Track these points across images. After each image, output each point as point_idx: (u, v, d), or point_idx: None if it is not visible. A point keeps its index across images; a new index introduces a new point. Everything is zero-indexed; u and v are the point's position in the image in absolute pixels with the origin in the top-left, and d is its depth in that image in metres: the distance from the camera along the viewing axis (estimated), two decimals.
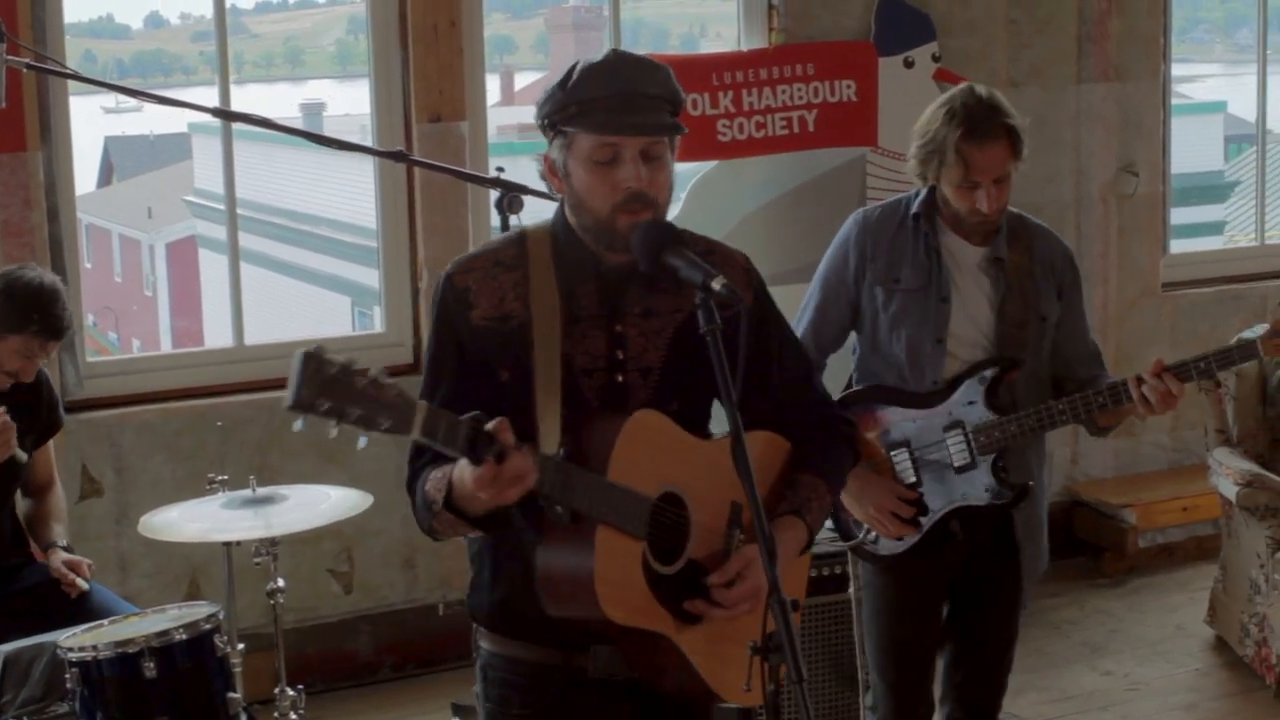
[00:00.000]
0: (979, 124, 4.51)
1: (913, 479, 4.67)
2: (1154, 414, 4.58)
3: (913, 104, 7.26)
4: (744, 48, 7.41)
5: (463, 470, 3.12)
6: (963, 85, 4.72)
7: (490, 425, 3.03)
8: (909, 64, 7.44)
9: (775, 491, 3.51)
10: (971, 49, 7.65)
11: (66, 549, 5.45)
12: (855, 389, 4.80)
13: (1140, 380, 4.53)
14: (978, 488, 4.62)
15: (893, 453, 4.69)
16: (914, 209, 4.71)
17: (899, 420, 4.68)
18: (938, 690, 4.98)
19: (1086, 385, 4.63)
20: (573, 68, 3.34)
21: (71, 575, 5.28)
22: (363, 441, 2.95)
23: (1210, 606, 6.93)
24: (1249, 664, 6.54)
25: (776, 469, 3.54)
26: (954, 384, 4.63)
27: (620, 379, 3.39)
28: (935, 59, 7.47)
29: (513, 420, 3.21)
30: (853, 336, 4.86)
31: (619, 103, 3.27)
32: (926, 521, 4.67)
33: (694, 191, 7.18)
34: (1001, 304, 4.65)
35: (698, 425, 3.46)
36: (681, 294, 3.36)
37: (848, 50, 7.31)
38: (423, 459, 3.39)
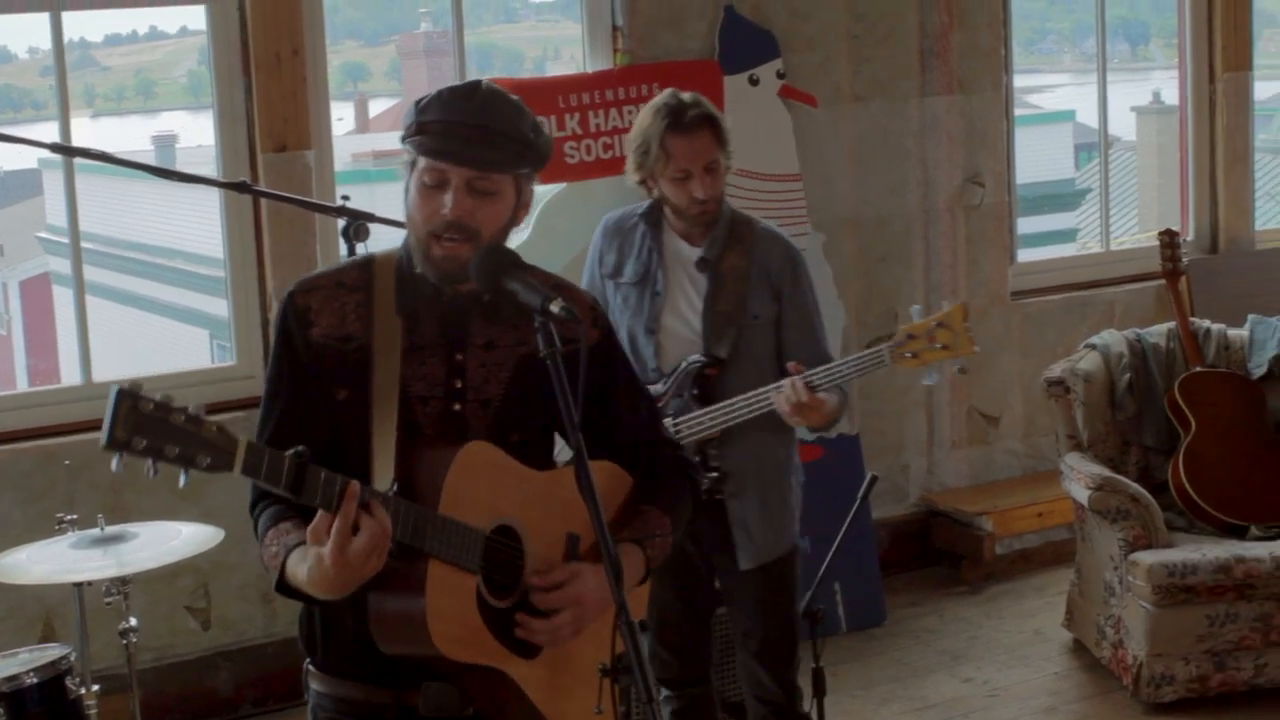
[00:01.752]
0: (680, 116, 4.93)
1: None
2: (794, 421, 4.91)
3: (759, 121, 7.36)
4: (590, 70, 7.42)
5: (310, 559, 3.08)
6: (666, 91, 5.10)
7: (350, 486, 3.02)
8: (754, 81, 7.48)
9: (617, 521, 3.48)
10: (814, 64, 7.70)
11: None
12: None
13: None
14: None
15: None
16: (641, 210, 5.12)
17: None
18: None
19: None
20: (428, 95, 3.35)
21: None
22: (183, 480, 2.91)
23: (1067, 610, 7.01)
24: (1106, 666, 6.62)
25: (618, 500, 3.52)
26: (667, 375, 4.99)
27: (457, 408, 3.37)
28: (780, 75, 7.52)
29: (347, 442, 3.25)
30: None
31: (455, 131, 3.26)
32: None
33: (543, 214, 7.19)
34: (710, 300, 5.00)
35: (538, 459, 3.45)
36: (525, 327, 3.34)
37: (692, 69, 7.34)
38: (261, 506, 3.36)
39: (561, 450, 3.51)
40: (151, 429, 2.82)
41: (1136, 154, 24.44)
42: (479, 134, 3.27)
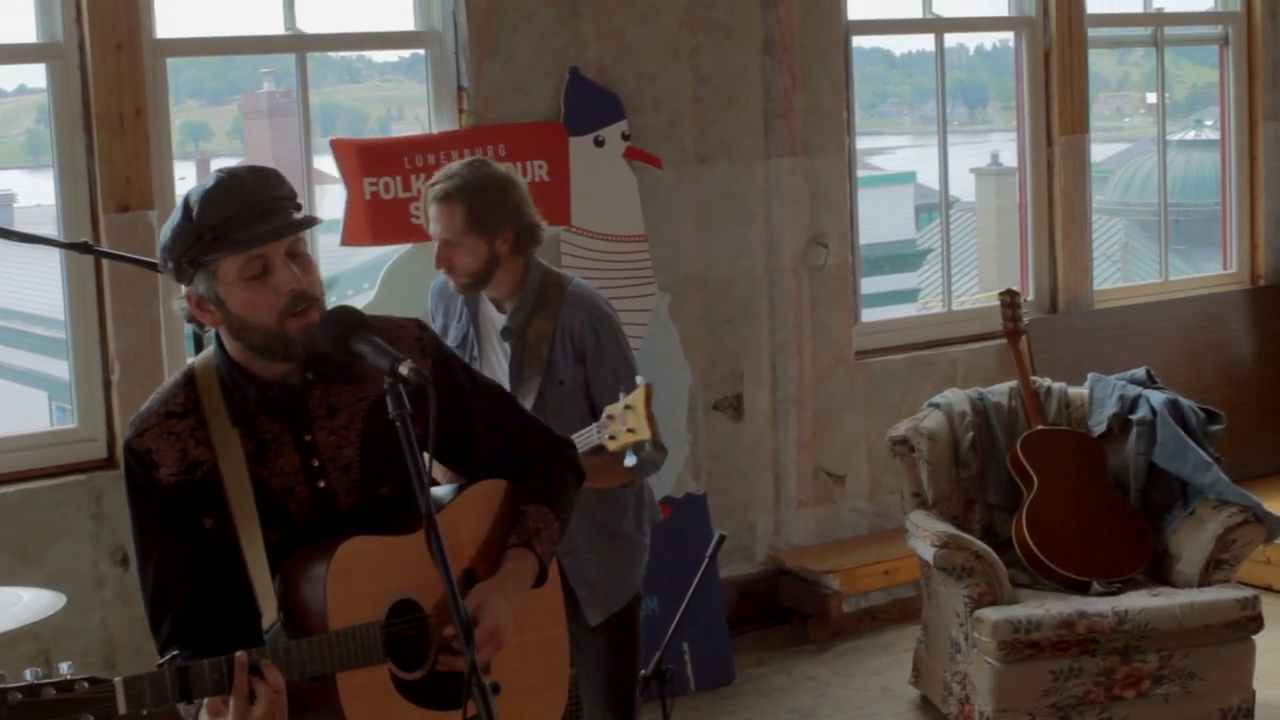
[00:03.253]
0: (433, 186, 5.09)
1: None
2: None
3: (605, 182, 7.40)
4: (435, 130, 7.41)
5: None
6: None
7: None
8: (599, 143, 7.51)
9: (501, 528, 3.53)
10: (660, 126, 7.75)
11: None
12: None
13: None
14: None
15: None
16: None
17: None
18: None
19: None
20: (187, 201, 3.30)
21: None
22: None
23: (914, 667, 7.06)
24: None
25: (496, 511, 3.56)
26: None
27: (322, 485, 3.39)
28: (625, 137, 7.55)
29: (226, 571, 3.27)
30: None
31: (252, 214, 3.25)
32: None
33: (388, 275, 7.16)
34: (516, 367, 5.03)
35: (411, 502, 3.43)
36: (362, 381, 3.38)
37: (538, 131, 7.37)
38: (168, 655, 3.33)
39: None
40: (30, 714, 2.87)
41: (976, 214, 24.79)
42: (269, 206, 3.27)
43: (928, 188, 27.28)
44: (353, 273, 15.46)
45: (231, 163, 3.34)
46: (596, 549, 5.11)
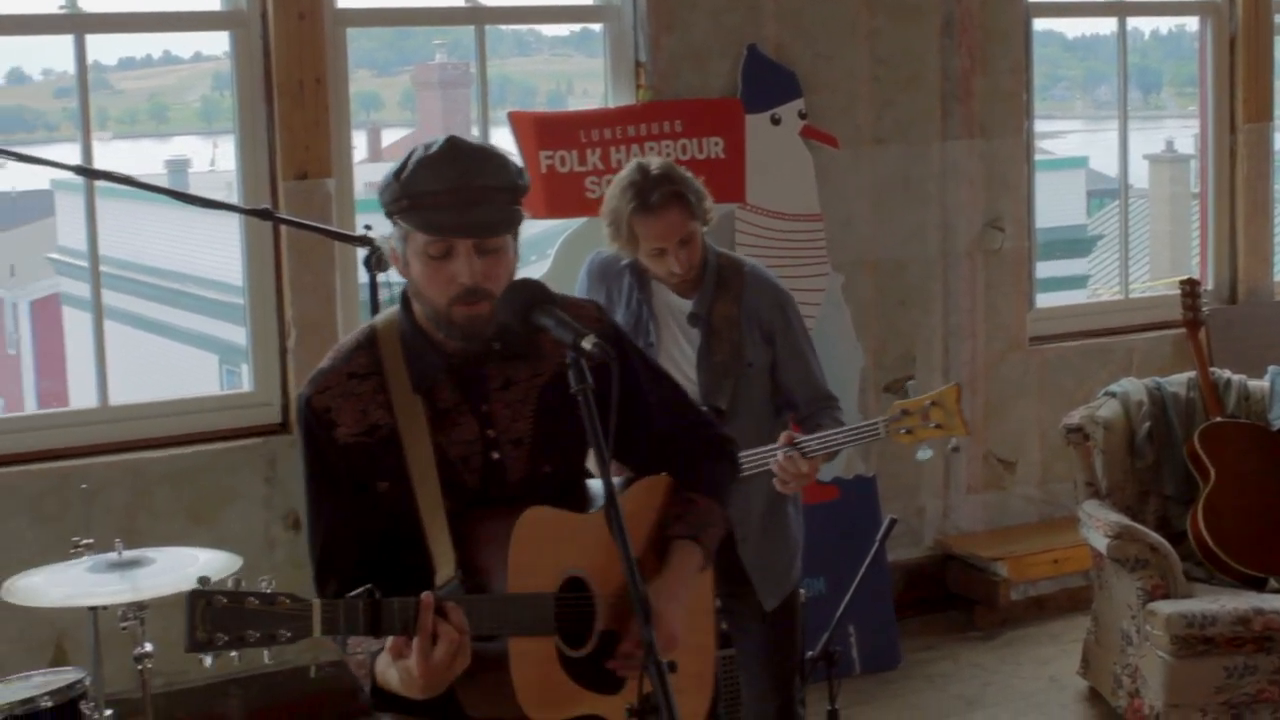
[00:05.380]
0: (646, 198, 4.87)
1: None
2: (785, 490, 4.95)
3: (780, 160, 7.35)
4: (611, 105, 7.41)
5: (397, 670, 3.11)
6: (633, 162, 5.04)
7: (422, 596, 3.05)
8: (776, 121, 7.47)
9: (667, 520, 3.51)
10: (836, 106, 7.70)
11: None
12: None
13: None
14: None
15: None
16: (625, 260, 5.06)
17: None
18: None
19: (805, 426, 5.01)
20: (409, 156, 3.27)
21: None
22: (266, 656, 2.99)
23: (1083, 658, 6.97)
24: (1122, 715, 6.58)
25: (663, 503, 3.55)
26: None
27: (495, 456, 3.38)
28: (802, 116, 7.51)
29: (401, 532, 3.27)
30: None
31: (450, 199, 3.20)
32: None
33: (563, 248, 7.17)
34: (704, 352, 4.99)
35: (573, 484, 3.46)
36: (538, 359, 3.37)
37: (715, 107, 7.34)
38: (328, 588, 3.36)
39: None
40: (229, 623, 2.90)
41: (1148, 201, 24.47)
42: (476, 195, 3.22)
43: (1100, 173, 26.96)
44: (527, 243, 15.58)
45: (402, 133, 3.32)
46: (771, 534, 5.09)
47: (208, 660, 2.91)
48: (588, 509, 3.45)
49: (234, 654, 2.92)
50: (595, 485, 3.54)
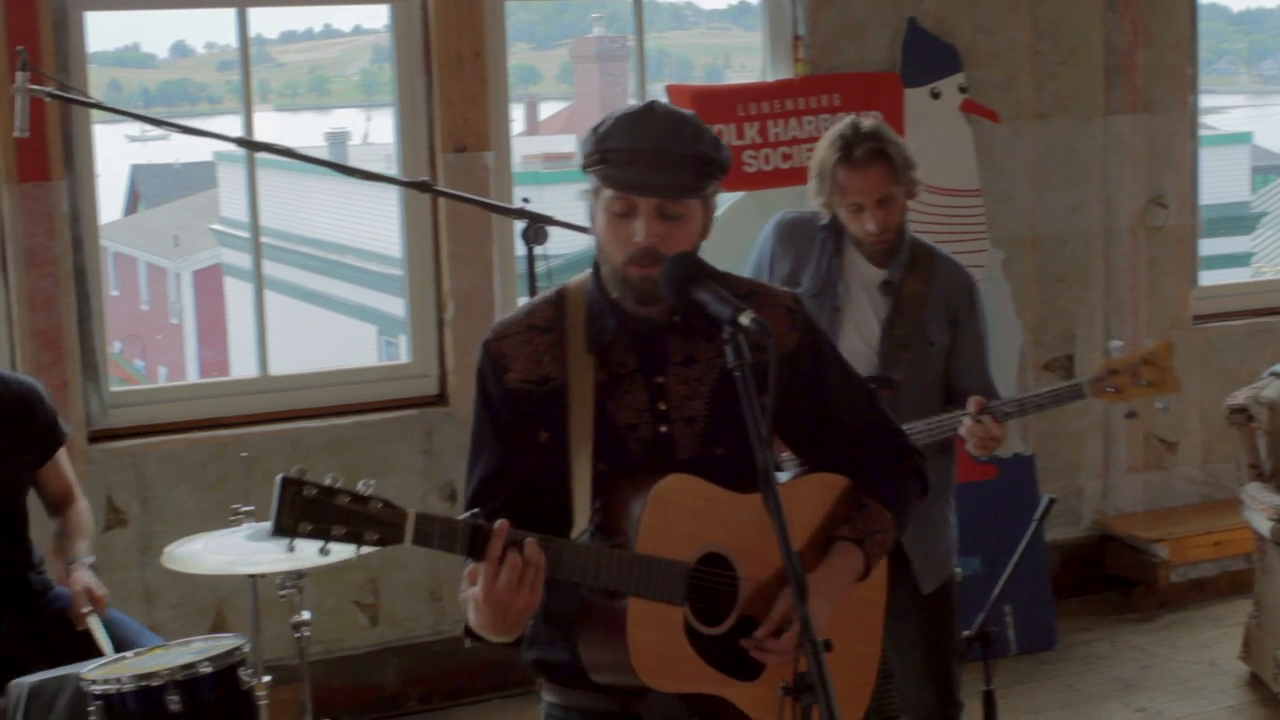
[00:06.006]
0: (852, 151, 4.91)
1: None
2: (979, 453, 4.93)
3: (940, 135, 7.28)
4: (769, 78, 7.38)
5: (470, 595, 3.15)
6: (849, 117, 5.07)
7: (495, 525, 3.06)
8: (935, 95, 7.41)
9: (835, 519, 3.46)
10: (997, 80, 7.61)
11: (92, 566, 5.39)
12: None
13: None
14: None
15: None
16: (823, 222, 5.06)
17: None
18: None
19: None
20: (609, 115, 3.33)
21: (82, 609, 5.21)
22: (354, 554, 3.02)
23: (1244, 642, 6.87)
24: None
25: (834, 502, 3.49)
26: None
27: (664, 429, 3.37)
28: (962, 90, 7.44)
29: (549, 484, 3.28)
30: None
31: (638, 159, 3.23)
32: None
33: (719, 223, 7.13)
34: (889, 324, 4.99)
35: (746, 470, 3.36)
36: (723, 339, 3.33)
37: (874, 81, 7.29)
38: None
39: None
40: (316, 513, 2.93)
41: None
42: (665, 159, 3.24)
43: (1264, 149, 26.54)
44: None
45: (559, 106, 3.34)
46: (930, 516, 5.05)
47: (287, 546, 2.95)
48: None
49: (319, 544, 2.94)
50: (782, 479, 3.51)
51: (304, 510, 2.91)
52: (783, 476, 3.52)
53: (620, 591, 3.16)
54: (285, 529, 2.91)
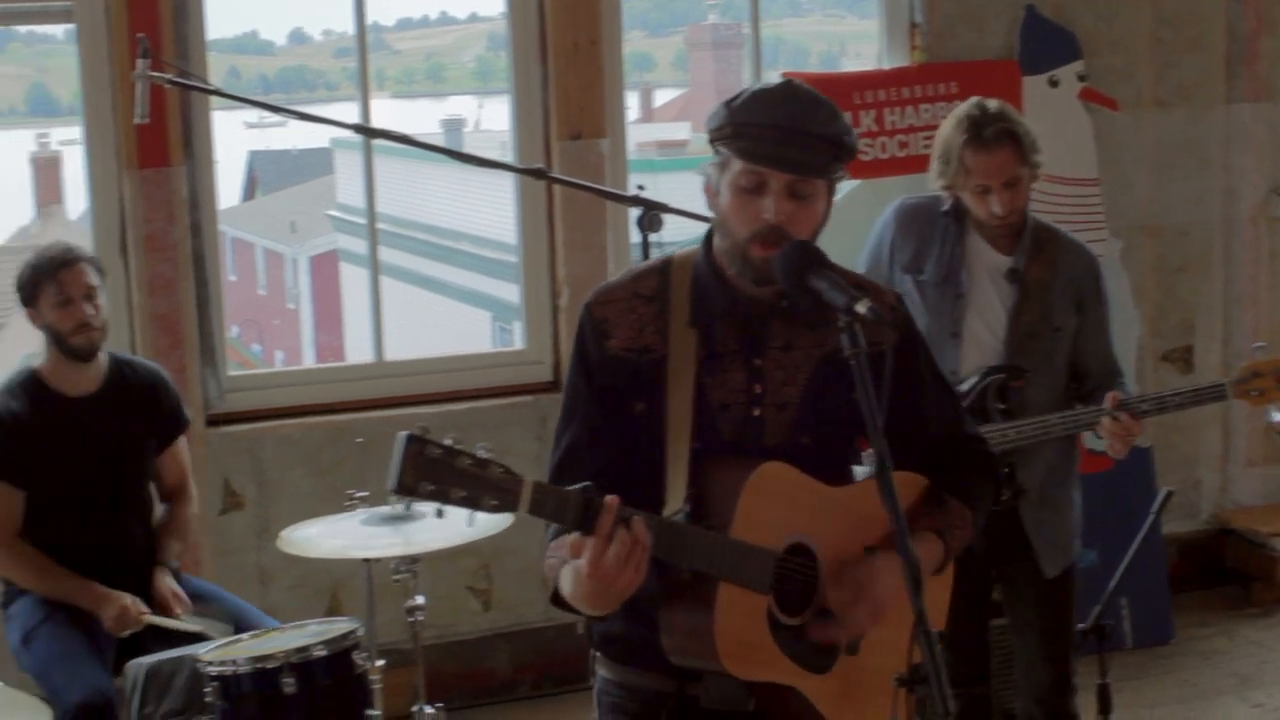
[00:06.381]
0: (980, 131, 4.86)
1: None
2: (1117, 452, 4.89)
3: (1058, 124, 7.21)
4: (885, 66, 7.34)
5: (572, 568, 3.10)
6: (972, 98, 5.03)
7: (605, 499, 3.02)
8: (1054, 83, 7.34)
9: (918, 511, 3.44)
10: (1117, 68, 7.53)
11: (176, 571, 5.47)
12: None
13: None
14: None
15: None
16: (945, 207, 5.01)
17: None
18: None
19: (1090, 400, 4.95)
20: (742, 92, 3.31)
21: (137, 613, 5.26)
22: (470, 519, 2.99)
23: None
24: None
25: (915, 498, 3.46)
26: (966, 382, 4.90)
27: (756, 413, 3.35)
28: (1081, 78, 7.37)
29: (642, 457, 3.26)
30: None
31: (774, 134, 3.20)
32: None
33: (834, 212, 7.12)
34: (1016, 312, 4.95)
35: (829, 462, 3.40)
36: (824, 329, 3.31)
37: (992, 69, 7.23)
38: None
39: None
40: (438, 473, 2.89)
41: None
42: (801, 137, 3.21)
43: None
44: None
45: (673, 94, 3.31)
46: (1052, 501, 5.03)
47: (402, 505, 2.92)
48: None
49: (436, 505, 2.91)
50: (859, 472, 3.50)
51: (426, 469, 2.87)
52: (859, 472, 3.51)
53: (710, 575, 3.14)
54: (407, 487, 2.87)
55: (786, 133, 3.21)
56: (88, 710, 4.92)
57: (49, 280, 5.33)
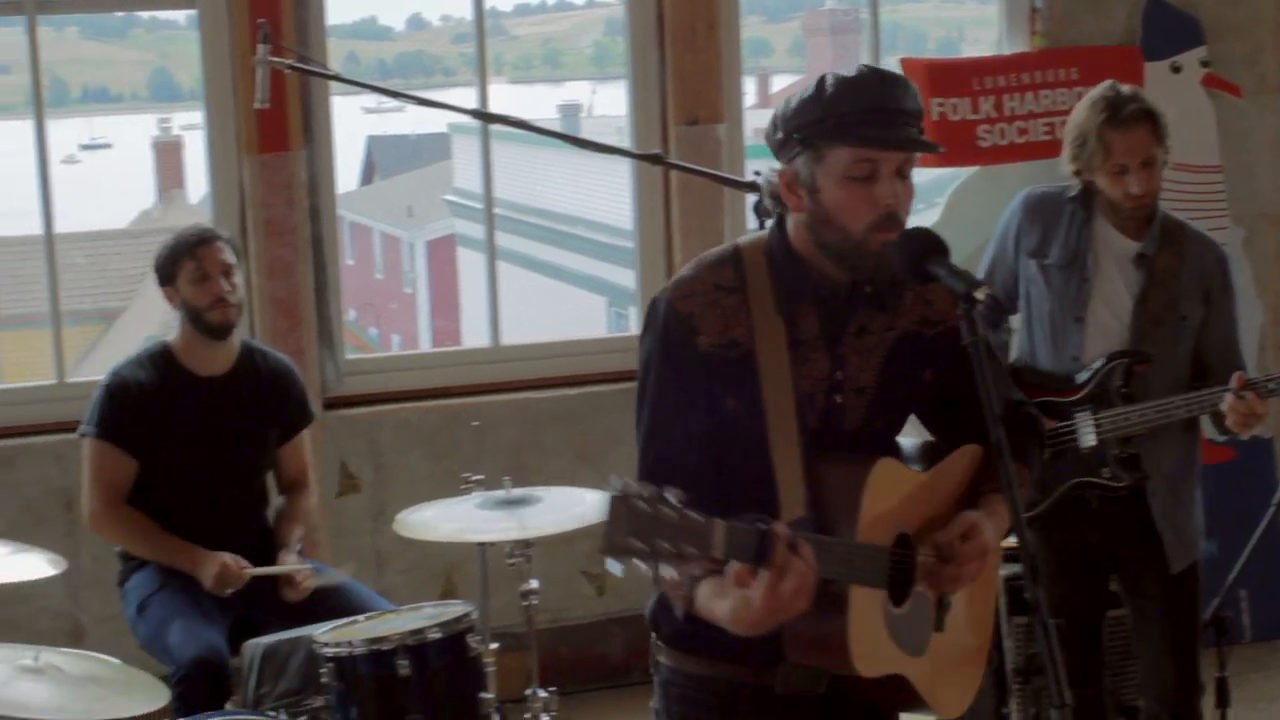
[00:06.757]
0: (1119, 110, 4.88)
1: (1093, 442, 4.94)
2: (1240, 430, 4.84)
3: (1180, 110, 7.05)
4: (1005, 51, 7.28)
5: (733, 599, 3.02)
6: (1105, 82, 5.04)
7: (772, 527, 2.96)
8: (1176, 69, 7.26)
9: (980, 478, 3.42)
10: (1240, 54, 7.43)
11: (300, 554, 5.52)
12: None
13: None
14: (1099, 469, 4.91)
15: None
16: (1073, 193, 5.00)
17: (1035, 397, 4.86)
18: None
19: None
20: (822, 81, 3.22)
21: (238, 569, 5.31)
22: (661, 573, 2.92)
23: None
24: None
25: (975, 469, 3.45)
26: (1089, 367, 4.90)
27: (838, 399, 3.32)
28: (1203, 64, 7.28)
29: (741, 456, 3.22)
30: None
31: (883, 117, 3.16)
32: (1054, 494, 4.96)
33: (953, 199, 7.09)
34: (1142, 298, 4.93)
35: (892, 444, 3.41)
36: (895, 312, 3.31)
37: (1113, 55, 7.15)
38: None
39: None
40: (645, 528, 2.77)
41: None
42: (902, 116, 3.19)
43: None
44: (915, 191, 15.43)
45: (790, 80, 3.27)
46: (1180, 493, 5.00)
47: (618, 568, 2.84)
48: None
49: (643, 565, 2.80)
50: (906, 444, 3.47)
51: (635, 527, 2.76)
52: (906, 443, 3.48)
53: (837, 580, 3.10)
54: (619, 548, 2.77)
55: (893, 114, 3.17)
56: (201, 665, 4.96)
57: (187, 257, 5.39)
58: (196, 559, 5.31)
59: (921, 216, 7.59)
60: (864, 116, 3.16)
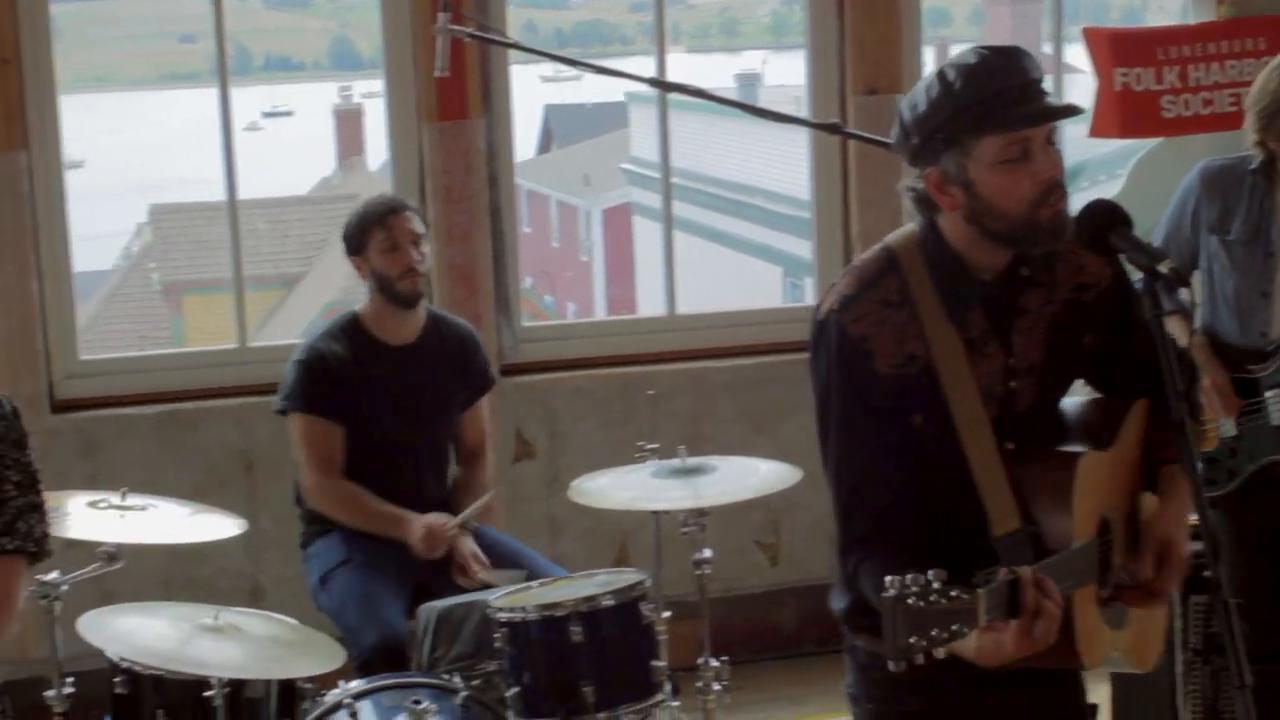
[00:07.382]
0: None
1: (1233, 432, 4.89)
2: None
3: None
4: (1190, 21, 7.16)
5: (985, 639, 2.97)
6: None
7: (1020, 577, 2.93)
8: None
9: (1154, 443, 3.39)
10: None
11: (475, 532, 5.54)
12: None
13: None
14: None
15: None
16: (1254, 165, 4.87)
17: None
18: None
19: None
20: (943, 76, 3.14)
21: (444, 531, 5.36)
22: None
23: None
24: None
25: (1144, 428, 3.41)
26: (1278, 342, 4.82)
27: (1013, 384, 3.28)
28: None
29: (937, 474, 3.19)
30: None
31: (1024, 93, 3.11)
32: (1244, 473, 4.90)
33: (1136, 170, 6.99)
34: None
35: (1057, 414, 3.38)
36: (1050, 286, 3.27)
37: None
38: (858, 553, 3.25)
39: None
40: (922, 624, 2.76)
41: None
42: (1036, 88, 3.14)
43: None
44: (1096, 162, 15.21)
45: (963, 48, 3.21)
46: None
47: (893, 666, 2.79)
48: (1066, 440, 3.31)
49: (920, 656, 2.76)
50: (1069, 403, 3.42)
51: (913, 626, 2.74)
52: (1072, 404, 3.43)
53: (1067, 590, 3.04)
54: (904, 650, 2.74)
55: (1028, 88, 3.12)
56: (382, 652, 5.03)
57: (377, 226, 5.44)
58: (405, 525, 5.37)
59: (1104, 188, 7.50)
60: (1003, 99, 3.10)
